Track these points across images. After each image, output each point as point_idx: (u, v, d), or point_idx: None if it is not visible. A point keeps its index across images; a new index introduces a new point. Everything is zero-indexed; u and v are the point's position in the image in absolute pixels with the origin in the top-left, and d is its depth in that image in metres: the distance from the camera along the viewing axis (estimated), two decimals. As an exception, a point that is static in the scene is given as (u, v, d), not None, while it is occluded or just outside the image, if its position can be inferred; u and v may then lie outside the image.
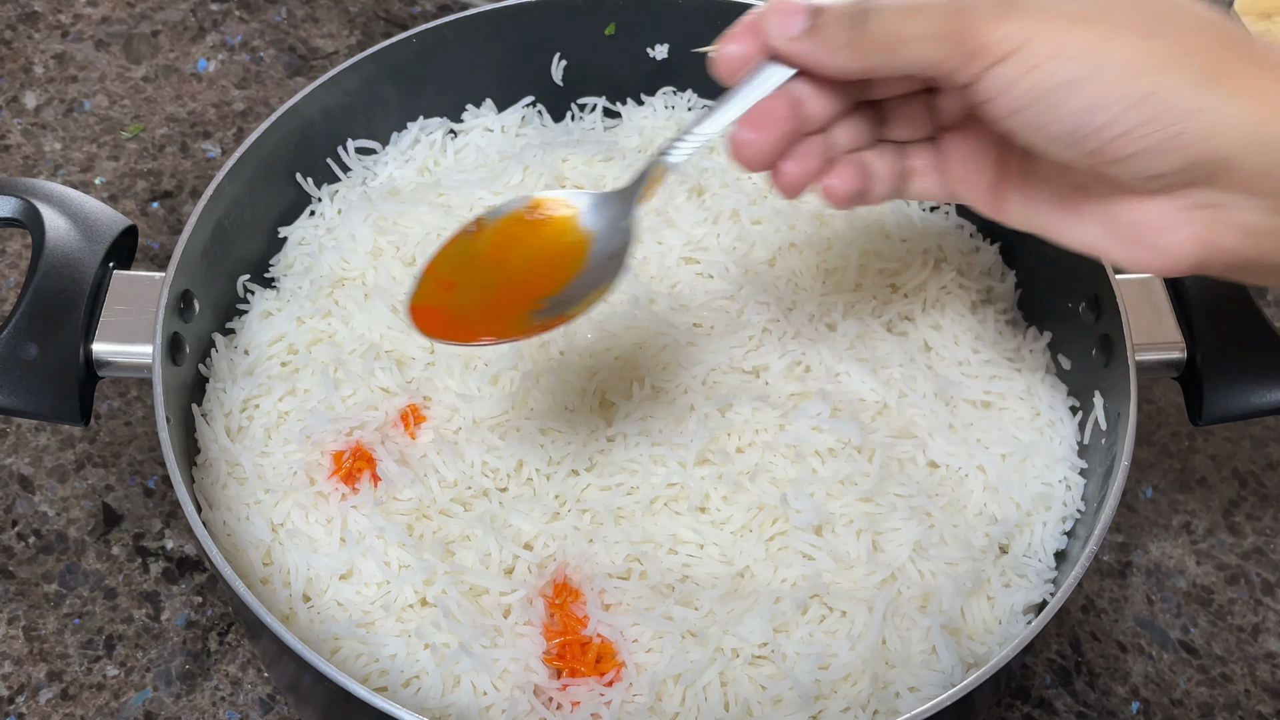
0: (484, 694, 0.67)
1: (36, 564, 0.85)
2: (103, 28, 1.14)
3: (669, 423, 0.74)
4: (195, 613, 0.84)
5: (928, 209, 0.89)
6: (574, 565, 0.71)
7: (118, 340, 0.73)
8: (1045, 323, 0.83)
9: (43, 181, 0.77)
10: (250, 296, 0.82)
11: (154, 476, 0.89)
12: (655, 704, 0.67)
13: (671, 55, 0.91)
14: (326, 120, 0.85)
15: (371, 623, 0.69)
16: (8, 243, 1.00)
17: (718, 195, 0.85)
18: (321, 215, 0.86)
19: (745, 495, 0.72)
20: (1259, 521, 0.91)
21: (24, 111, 1.08)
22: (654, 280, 0.82)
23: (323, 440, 0.74)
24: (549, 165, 0.85)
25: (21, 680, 0.81)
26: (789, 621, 0.68)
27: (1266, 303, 1.03)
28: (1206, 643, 0.86)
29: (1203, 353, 0.74)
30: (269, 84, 1.11)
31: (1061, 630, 0.86)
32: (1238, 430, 0.95)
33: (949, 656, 0.68)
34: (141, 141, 1.07)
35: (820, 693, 0.67)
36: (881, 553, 0.71)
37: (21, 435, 0.91)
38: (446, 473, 0.73)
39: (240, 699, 0.81)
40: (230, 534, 0.71)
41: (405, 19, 1.17)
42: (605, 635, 0.68)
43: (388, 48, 0.85)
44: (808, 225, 0.85)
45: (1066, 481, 0.76)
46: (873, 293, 0.84)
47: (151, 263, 1.00)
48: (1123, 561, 0.89)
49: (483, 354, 0.78)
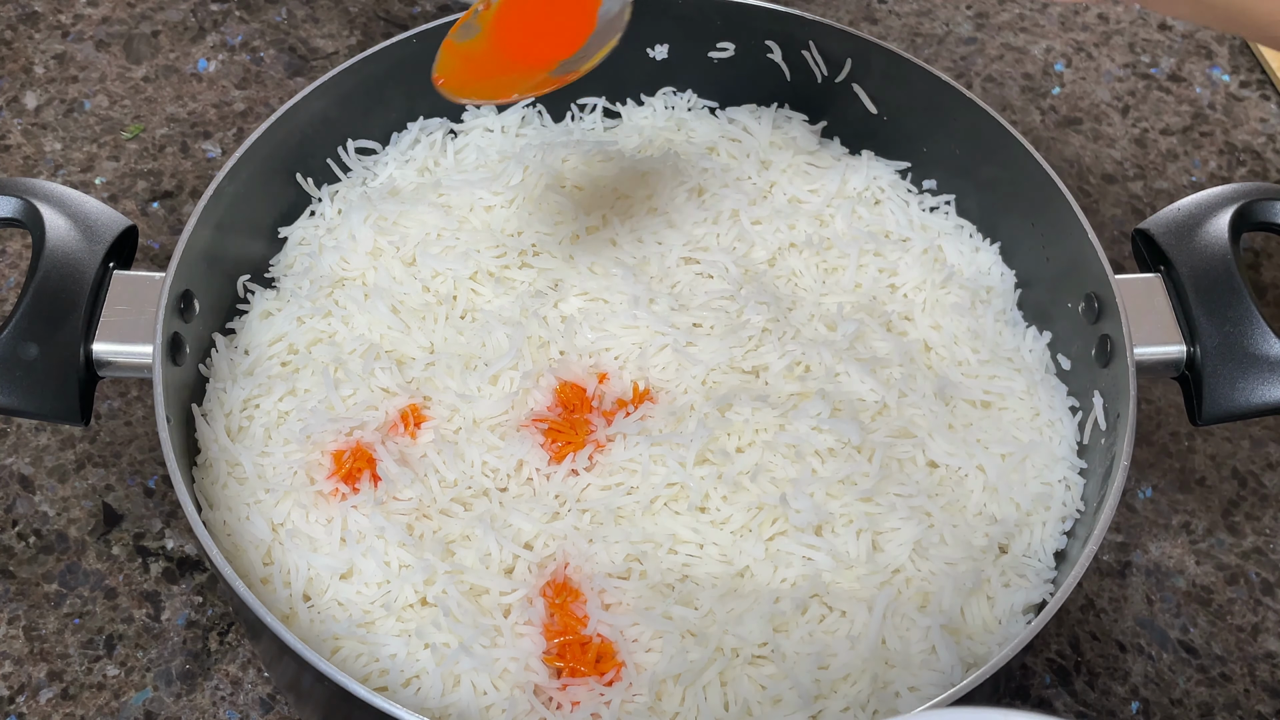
0: (484, 694, 0.67)
1: (37, 564, 0.85)
2: (103, 28, 1.14)
3: (669, 422, 0.74)
4: (195, 612, 0.84)
5: (927, 209, 0.89)
6: (574, 565, 0.71)
7: (118, 340, 0.73)
8: (1045, 323, 0.83)
9: (43, 181, 0.77)
10: (250, 296, 0.82)
11: (154, 476, 0.89)
12: (655, 704, 0.67)
13: (671, 55, 0.91)
14: (326, 120, 0.85)
15: (371, 622, 0.69)
16: (8, 243, 1.00)
17: (718, 195, 0.85)
18: (321, 215, 0.86)
19: (745, 495, 0.72)
20: (1258, 521, 0.91)
21: (24, 111, 1.08)
22: (654, 280, 0.82)
23: (323, 440, 0.74)
24: (549, 165, 0.85)
25: (22, 680, 0.81)
26: (789, 621, 0.69)
27: (1266, 303, 1.03)
28: (1206, 643, 0.86)
29: (1202, 353, 0.74)
30: (269, 84, 1.11)
31: (1061, 630, 0.86)
32: (1237, 430, 0.95)
33: (949, 656, 0.68)
34: (142, 141, 1.07)
35: (820, 692, 0.67)
36: (881, 553, 0.71)
37: (22, 435, 0.91)
38: (446, 472, 0.73)
39: (240, 699, 0.81)
40: (230, 534, 0.71)
41: (405, 19, 1.17)
42: (605, 635, 0.68)
43: (388, 48, 0.85)
44: (808, 225, 0.85)
45: (1066, 481, 0.76)
46: (873, 293, 0.84)
47: (151, 263, 1.00)
48: (1122, 561, 0.89)
49: (483, 354, 0.78)
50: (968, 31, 1.19)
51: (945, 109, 0.86)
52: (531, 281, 0.82)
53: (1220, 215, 0.77)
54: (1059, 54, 1.18)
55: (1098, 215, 1.07)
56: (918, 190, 0.90)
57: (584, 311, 0.80)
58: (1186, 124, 1.14)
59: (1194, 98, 1.15)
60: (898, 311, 0.83)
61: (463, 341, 0.79)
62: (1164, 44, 1.19)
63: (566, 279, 0.81)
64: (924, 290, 0.83)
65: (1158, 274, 0.77)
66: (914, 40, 1.18)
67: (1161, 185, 1.09)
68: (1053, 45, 1.19)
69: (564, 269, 0.82)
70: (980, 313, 0.83)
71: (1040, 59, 1.18)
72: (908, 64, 0.86)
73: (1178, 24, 1.21)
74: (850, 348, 0.79)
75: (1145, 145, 1.12)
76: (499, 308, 0.81)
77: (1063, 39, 1.19)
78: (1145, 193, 1.09)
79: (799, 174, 0.88)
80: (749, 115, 0.91)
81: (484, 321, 0.79)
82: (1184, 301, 0.75)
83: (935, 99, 0.86)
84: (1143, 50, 1.19)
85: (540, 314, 0.80)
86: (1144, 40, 1.20)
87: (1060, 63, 1.17)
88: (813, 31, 0.88)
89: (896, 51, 0.86)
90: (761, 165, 0.89)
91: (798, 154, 0.89)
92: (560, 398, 0.76)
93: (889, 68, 0.87)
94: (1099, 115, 1.14)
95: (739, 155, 0.89)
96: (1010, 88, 1.15)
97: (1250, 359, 0.74)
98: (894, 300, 0.83)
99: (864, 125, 0.91)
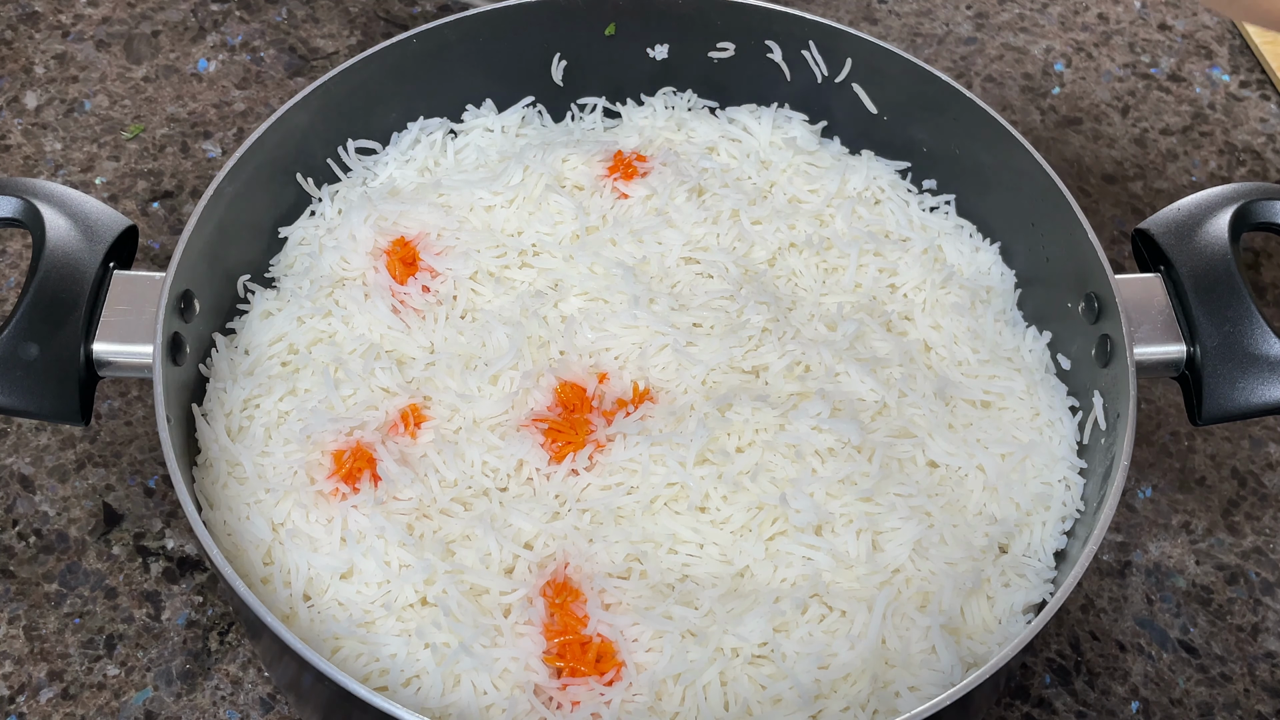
0: (484, 693, 0.67)
1: (37, 564, 0.85)
2: (103, 28, 1.14)
3: (669, 422, 0.74)
4: (196, 612, 0.84)
5: (927, 209, 0.89)
6: (574, 565, 0.71)
7: (118, 340, 0.73)
8: (1045, 323, 0.83)
9: (43, 181, 0.77)
10: (250, 296, 0.82)
11: (154, 476, 0.89)
12: (655, 703, 0.67)
13: (671, 55, 0.91)
14: (327, 120, 0.85)
15: (372, 622, 0.69)
16: (8, 243, 1.00)
17: (718, 195, 0.85)
18: (322, 215, 0.86)
19: (745, 495, 0.72)
20: (1258, 521, 0.91)
21: (24, 111, 1.08)
22: (654, 280, 0.82)
23: (323, 440, 0.74)
24: (549, 165, 0.85)
25: (22, 680, 0.81)
26: (789, 621, 0.69)
27: (1266, 303, 1.03)
28: (1206, 642, 0.86)
29: (1202, 352, 0.74)
30: (269, 84, 1.11)
31: (1061, 630, 0.86)
32: (1237, 430, 0.95)
33: (949, 656, 0.68)
34: (142, 142, 1.07)
35: (820, 692, 0.67)
36: (881, 552, 0.71)
37: (22, 435, 0.91)
38: (447, 472, 0.73)
39: (241, 698, 0.81)
40: (230, 534, 0.71)
41: (405, 19, 1.17)
42: (605, 635, 0.68)
43: (388, 48, 0.85)
44: (808, 225, 0.85)
45: (1066, 481, 0.76)
46: (873, 293, 0.84)
47: (152, 263, 1.00)
48: (1122, 561, 0.89)
49: (483, 354, 0.78)
50: (968, 31, 1.19)
51: (945, 109, 0.86)
52: (531, 281, 0.82)
53: (1220, 215, 0.77)
54: (1059, 54, 1.18)
55: (1098, 215, 1.07)
56: (918, 190, 0.90)
57: (584, 311, 0.80)
58: (1186, 124, 1.14)
59: (1194, 98, 1.15)
60: (898, 311, 0.83)
61: (463, 341, 0.79)
62: (1164, 44, 1.19)
63: (566, 279, 0.81)
64: (924, 290, 0.83)
65: (1158, 274, 0.77)
66: (914, 40, 1.18)
67: (1161, 185, 1.09)
68: (1053, 45, 1.19)
69: (564, 269, 0.82)
70: (980, 313, 0.83)
71: (1040, 59, 1.18)
72: (908, 64, 0.86)
73: (1178, 24, 1.21)
74: (850, 348, 0.79)
75: (1145, 145, 1.12)
76: (499, 308, 0.81)
77: (1063, 39, 1.19)
78: (1145, 193, 1.09)
79: (799, 174, 0.89)
80: (749, 115, 0.91)
81: (484, 321, 0.79)
82: (1184, 301, 0.75)
83: (935, 99, 0.86)
84: (1143, 50, 1.19)
85: (540, 314, 0.80)
86: (1144, 40, 1.20)
87: (1060, 63, 1.17)
88: (813, 31, 0.88)
89: (896, 51, 0.86)
90: (761, 165, 0.89)
91: (798, 154, 0.89)
92: (560, 398, 0.76)
93: (889, 68, 0.87)
94: (1099, 115, 1.14)
95: (739, 155, 0.89)
96: (1010, 88, 1.15)
97: (1250, 359, 0.74)
98: (894, 300, 0.83)
99: (864, 125, 0.91)
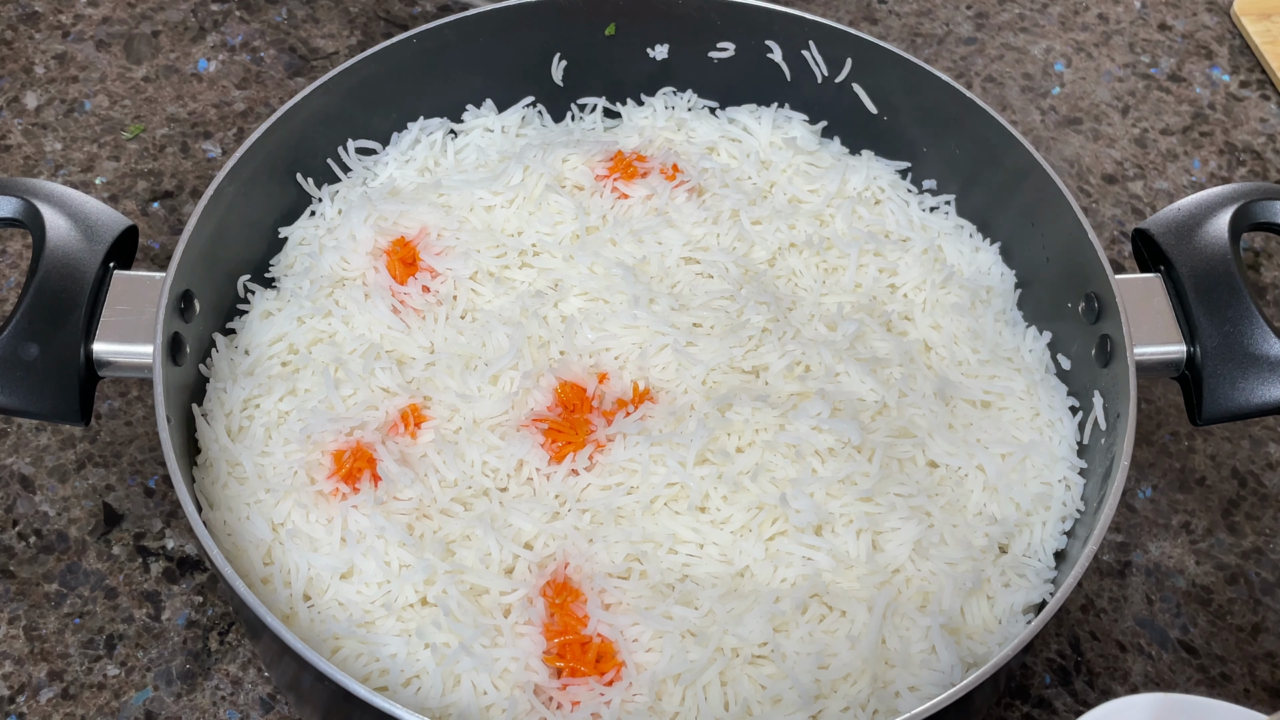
0: (484, 693, 0.67)
1: (37, 564, 0.85)
2: (103, 28, 1.14)
3: (669, 423, 0.74)
4: (196, 612, 0.84)
5: (927, 209, 0.89)
6: (574, 565, 0.71)
7: (118, 340, 0.73)
8: (1045, 323, 0.83)
9: (43, 181, 0.77)
10: (250, 296, 0.82)
11: (154, 476, 0.89)
12: (655, 703, 0.67)
13: (671, 55, 0.91)
14: (327, 120, 0.85)
15: (372, 622, 0.69)
16: (8, 243, 1.00)
17: (718, 195, 0.85)
18: (322, 215, 0.86)
19: (745, 495, 0.72)
20: (1258, 521, 0.91)
21: (25, 111, 1.08)
22: (654, 280, 0.82)
23: (323, 440, 0.74)
24: (549, 165, 0.85)
25: (22, 680, 0.81)
26: (789, 621, 0.69)
27: (1266, 303, 1.03)
28: (1206, 643, 0.86)
29: (1202, 352, 0.74)
30: (269, 84, 1.11)
31: (1061, 630, 0.86)
32: (1237, 430, 0.95)
33: (949, 656, 0.68)
34: (142, 142, 1.07)
35: (820, 692, 0.67)
36: (881, 552, 0.71)
37: (22, 435, 0.91)
38: (447, 472, 0.73)
39: (241, 698, 0.81)
40: (230, 534, 0.71)
41: (405, 19, 1.17)
42: (605, 635, 0.68)
43: (388, 48, 0.85)
44: (808, 225, 0.85)
45: (1066, 481, 0.76)
46: (873, 293, 0.84)
47: (152, 263, 1.00)
48: (1122, 561, 0.89)
49: (483, 354, 0.78)
50: (968, 31, 1.19)
51: (945, 109, 0.86)
52: (531, 281, 0.82)
53: (1220, 215, 0.77)
54: (1059, 54, 1.18)
55: (1098, 215, 1.07)
56: (918, 190, 0.90)
57: (584, 311, 0.80)
58: (1186, 124, 1.14)
59: (1194, 98, 1.15)
60: (898, 311, 0.83)
61: (463, 341, 0.79)
62: (1164, 44, 1.19)
63: (566, 279, 0.81)
64: (924, 290, 0.83)
65: (1158, 274, 0.77)
66: (914, 40, 1.18)
67: (1161, 185, 1.09)
68: (1053, 45, 1.19)
69: (564, 269, 0.82)
70: (980, 313, 0.83)
71: (1040, 59, 1.18)
72: (907, 64, 0.86)
73: (1178, 24, 1.21)
74: (850, 348, 0.79)
75: (1145, 145, 1.12)
76: (499, 308, 0.81)
77: (1063, 39, 1.19)
78: (1145, 193, 1.09)
79: (799, 174, 0.89)
80: (749, 115, 0.91)
81: (484, 321, 0.79)
82: (1184, 301, 0.75)
83: (935, 99, 0.86)
84: (1143, 50, 1.19)
85: (540, 314, 0.80)
86: (1144, 40, 1.20)
87: (1060, 63, 1.17)
88: (813, 31, 0.88)
89: (896, 51, 0.86)
90: (761, 165, 0.89)
91: (798, 154, 0.89)
92: (560, 398, 0.76)
93: (889, 68, 0.87)
94: (1099, 115, 1.14)
95: (739, 155, 0.89)
96: (1010, 88, 1.15)
97: (1250, 359, 0.74)
98: (894, 300, 0.83)
99: (864, 125, 0.91)
